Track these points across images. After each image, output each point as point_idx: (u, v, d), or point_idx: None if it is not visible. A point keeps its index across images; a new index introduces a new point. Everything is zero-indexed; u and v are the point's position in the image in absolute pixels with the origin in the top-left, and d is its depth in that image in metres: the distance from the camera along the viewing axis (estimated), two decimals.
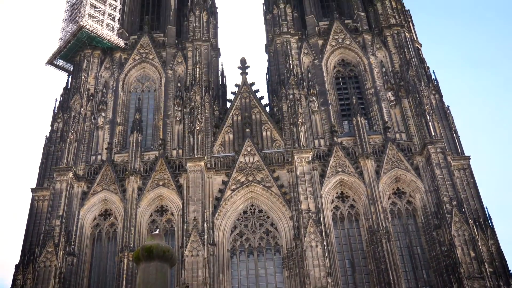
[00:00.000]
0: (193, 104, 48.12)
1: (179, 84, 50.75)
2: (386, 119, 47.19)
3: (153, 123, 49.46)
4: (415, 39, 54.10)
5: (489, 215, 41.42)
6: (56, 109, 50.57)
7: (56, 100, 51.39)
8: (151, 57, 53.15)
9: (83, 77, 51.03)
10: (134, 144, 46.36)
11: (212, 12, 57.42)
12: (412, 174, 43.77)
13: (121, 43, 53.60)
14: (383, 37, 52.62)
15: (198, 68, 50.77)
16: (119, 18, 55.68)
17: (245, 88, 51.02)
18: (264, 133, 47.96)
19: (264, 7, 59.18)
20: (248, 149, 45.77)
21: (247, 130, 47.06)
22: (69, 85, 52.77)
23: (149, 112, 50.61)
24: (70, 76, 53.79)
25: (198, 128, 46.25)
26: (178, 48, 53.75)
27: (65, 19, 56.27)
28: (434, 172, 42.35)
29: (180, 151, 46.72)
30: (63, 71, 55.71)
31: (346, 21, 54.60)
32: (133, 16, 58.22)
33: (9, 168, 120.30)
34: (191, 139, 45.85)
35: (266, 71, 56.24)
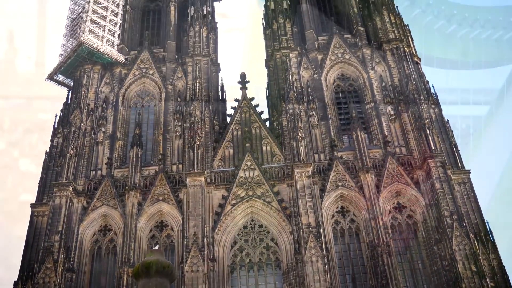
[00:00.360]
0: (193, 119, 48.15)
1: (179, 99, 50.76)
2: (386, 133, 47.18)
3: (153, 138, 49.43)
4: (414, 53, 54.24)
5: (490, 229, 41.09)
6: (56, 124, 50.47)
7: (56, 115, 51.43)
8: (151, 72, 53.28)
9: (83, 92, 51.14)
10: (134, 159, 46.31)
11: (212, 27, 57.66)
12: (412, 188, 43.65)
13: (121, 58, 53.79)
14: (383, 51, 52.79)
15: (198, 83, 50.86)
16: (119, 33, 55.90)
17: (245, 102, 51.08)
18: (264, 148, 47.91)
19: (264, 22, 59.49)
20: (248, 163, 45.72)
21: (247, 144, 47.05)
22: (69, 100, 52.74)
23: (149, 127, 50.59)
24: (70, 91, 53.87)
25: (198, 143, 46.21)
26: (178, 63, 53.88)
27: (66, 35, 56.57)
28: (434, 186, 42.19)
29: (180, 166, 46.62)
30: (63, 87, 55.89)
31: (346, 36, 54.85)
32: (133, 32, 58.47)
33: (8, 183, 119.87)
34: (191, 154, 45.80)
35: (266, 86, 56.35)
